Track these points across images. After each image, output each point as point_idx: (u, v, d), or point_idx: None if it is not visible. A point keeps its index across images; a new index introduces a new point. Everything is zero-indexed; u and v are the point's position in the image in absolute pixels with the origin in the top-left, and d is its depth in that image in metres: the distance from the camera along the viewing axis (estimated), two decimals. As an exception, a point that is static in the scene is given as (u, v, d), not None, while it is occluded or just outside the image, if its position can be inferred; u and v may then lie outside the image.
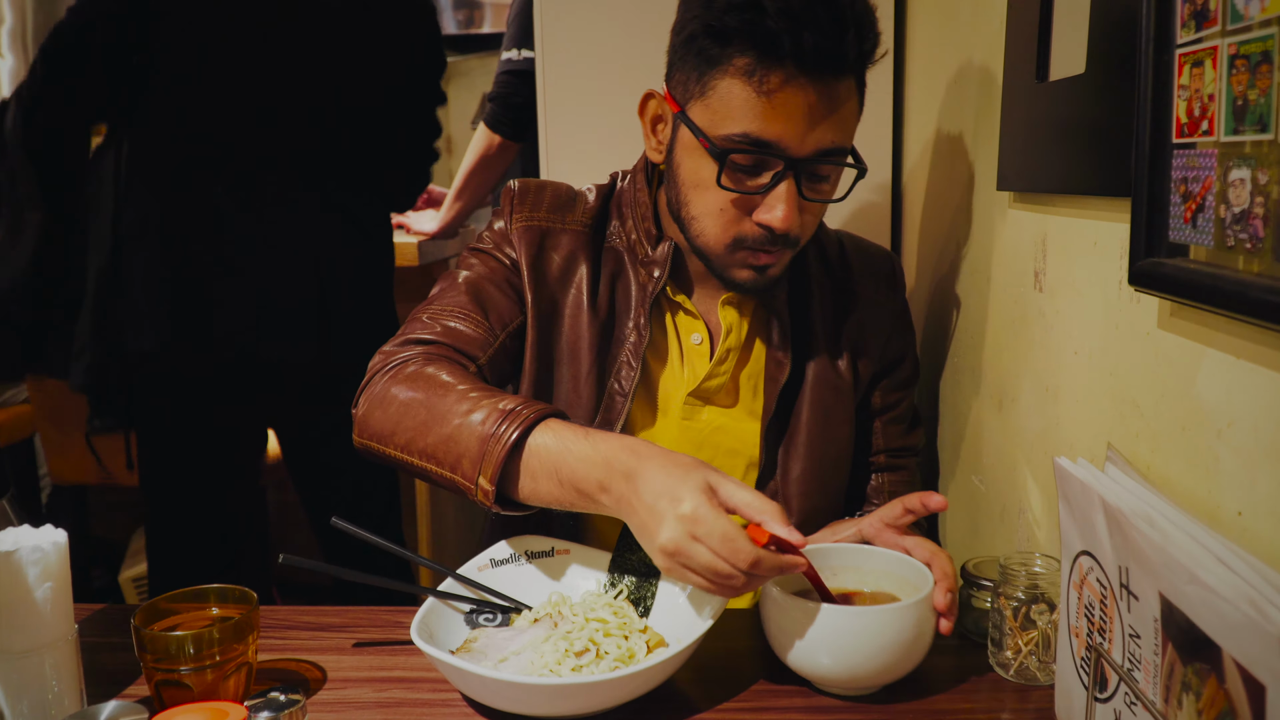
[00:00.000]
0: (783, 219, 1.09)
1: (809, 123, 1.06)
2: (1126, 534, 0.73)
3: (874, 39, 1.09)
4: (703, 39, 1.07)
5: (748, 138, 1.07)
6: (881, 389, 1.33)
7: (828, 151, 1.09)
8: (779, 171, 1.08)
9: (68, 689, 0.85)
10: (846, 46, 1.04)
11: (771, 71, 1.03)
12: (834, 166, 1.12)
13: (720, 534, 0.90)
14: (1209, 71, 0.70)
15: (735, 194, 1.10)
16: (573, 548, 1.14)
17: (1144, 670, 0.72)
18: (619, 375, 1.22)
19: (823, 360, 1.27)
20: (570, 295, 1.24)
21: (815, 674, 0.95)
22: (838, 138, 1.09)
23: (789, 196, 1.08)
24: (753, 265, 1.15)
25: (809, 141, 1.06)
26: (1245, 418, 0.71)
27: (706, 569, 0.91)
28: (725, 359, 1.23)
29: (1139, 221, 0.79)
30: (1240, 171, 0.66)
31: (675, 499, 0.92)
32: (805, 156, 1.07)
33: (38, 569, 0.83)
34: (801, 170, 1.09)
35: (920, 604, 0.93)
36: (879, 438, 1.34)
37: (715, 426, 1.24)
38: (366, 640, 1.08)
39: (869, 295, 1.31)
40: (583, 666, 0.95)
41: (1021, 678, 0.97)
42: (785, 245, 1.14)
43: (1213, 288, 0.69)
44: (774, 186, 1.09)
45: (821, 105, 1.05)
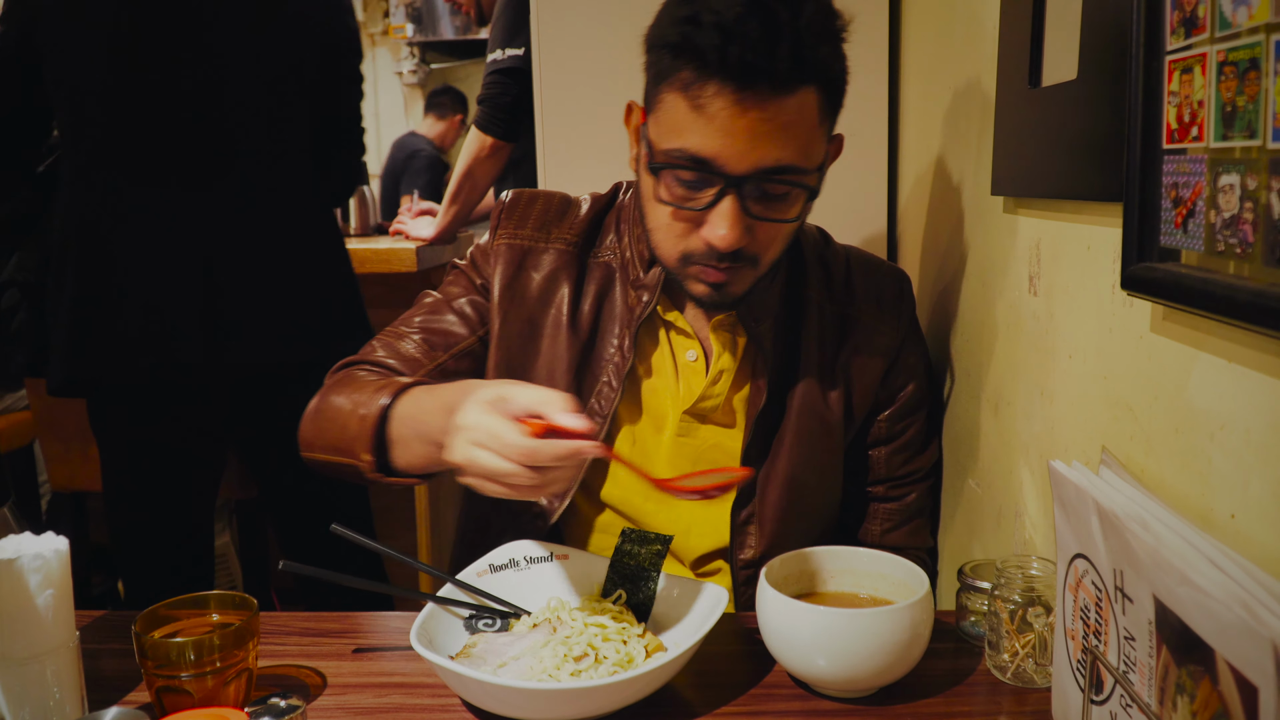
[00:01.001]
0: (723, 238, 1.06)
1: (748, 140, 1.02)
2: (1121, 537, 0.73)
3: (826, 49, 1.04)
4: (653, 52, 1.07)
5: (684, 153, 1.04)
6: (885, 420, 1.31)
7: (772, 170, 1.04)
8: (721, 189, 1.05)
9: (69, 696, 0.85)
10: (777, 60, 0.99)
11: (705, 86, 1.01)
12: (789, 187, 1.07)
13: (487, 431, 0.91)
14: (1198, 78, 0.70)
15: (679, 210, 1.08)
16: (571, 553, 1.14)
17: (1139, 672, 0.73)
18: (599, 395, 1.22)
19: (811, 391, 1.25)
20: (550, 315, 1.24)
21: (812, 676, 0.96)
22: (784, 155, 1.04)
23: (730, 215, 1.05)
24: (706, 281, 1.12)
25: (748, 159, 1.03)
26: (1237, 421, 0.71)
27: (491, 472, 0.91)
28: (718, 380, 1.23)
29: (1131, 227, 0.80)
30: (1230, 177, 0.67)
31: (461, 414, 0.94)
32: (745, 174, 1.04)
33: (39, 576, 0.83)
34: (744, 188, 1.05)
35: (916, 606, 0.93)
36: (880, 467, 1.32)
37: (711, 444, 1.24)
38: (366, 646, 1.08)
39: (870, 323, 1.28)
40: (581, 671, 0.95)
41: (1018, 680, 0.98)
42: (739, 263, 1.10)
43: (1204, 292, 0.69)
44: (715, 204, 1.06)
45: (762, 122, 1.01)
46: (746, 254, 1.09)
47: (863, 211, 1.81)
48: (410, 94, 6.39)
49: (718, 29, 0.98)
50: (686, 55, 1.01)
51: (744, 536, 1.24)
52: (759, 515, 1.23)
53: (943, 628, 1.05)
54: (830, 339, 1.27)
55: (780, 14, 0.99)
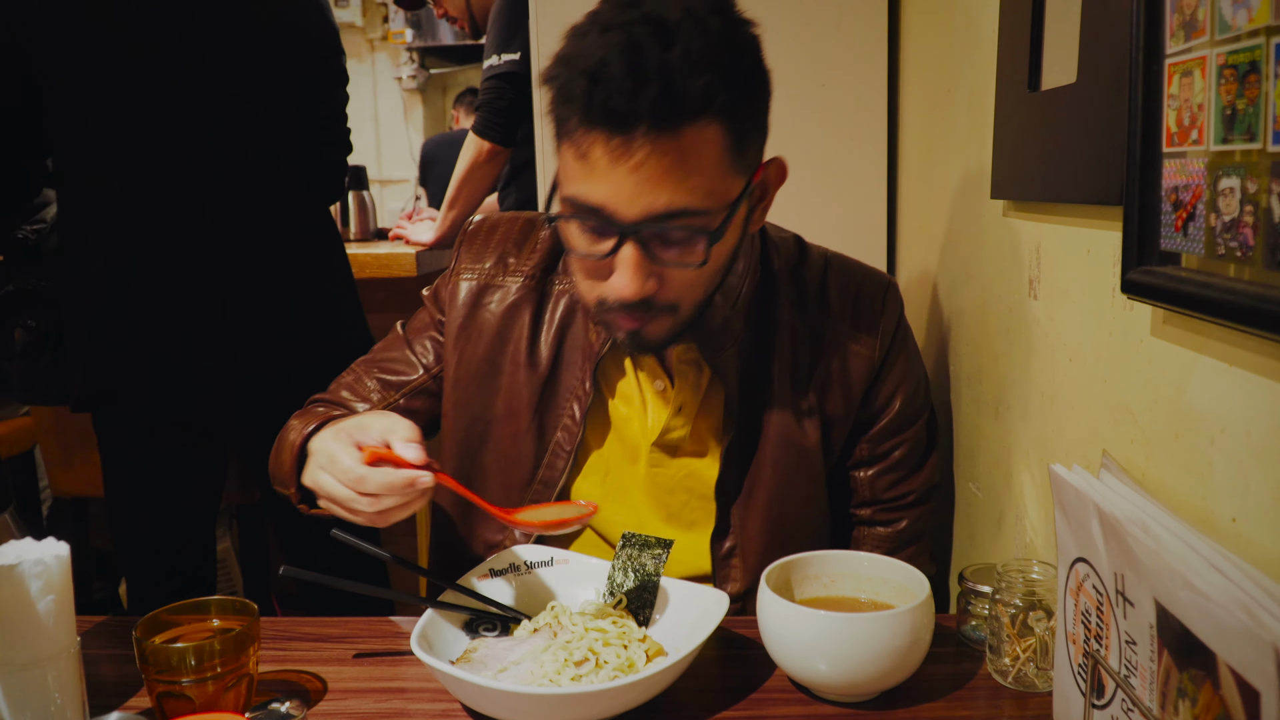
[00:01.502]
0: (622, 288, 1.01)
1: (633, 186, 0.95)
2: (1122, 540, 0.73)
3: (709, 80, 0.94)
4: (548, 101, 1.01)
5: (575, 201, 1.00)
6: (868, 441, 1.24)
7: (664, 215, 0.97)
8: (618, 238, 0.99)
9: (70, 701, 0.85)
10: (643, 102, 0.92)
11: (585, 134, 0.96)
12: (689, 231, 0.99)
13: (328, 456, 1.00)
14: (1198, 81, 0.70)
15: (586, 260, 1.04)
16: (571, 557, 1.14)
17: (1140, 677, 0.73)
18: (563, 429, 1.20)
19: (785, 418, 1.19)
20: (508, 352, 1.21)
21: (813, 681, 0.95)
22: (675, 200, 0.96)
23: (629, 264, 1.00)
24: (622, 328, 1.07)
25: (636, 205, 0.96)
26: (1238, 424, 0.71)
27: (329, 495, 1.01)
28: (680, 412, 1.19)
29: (1130, 230, 0.80)
30: (1230, 180, 0.67)
31: (316, 440, 1.05)
32: (637, 221, 0.98)
33: (40, 582, 0.83)
34: (642, 235, 0.99)
35: (916, 610, 0.93)
36: (864, 489, 1.26)
37: (687, 472, 1.21)
38: (367, 651, 1.08)
39: (845, 341, 1.21)
40: (582, 676, 0.95)
41: (1019, 685, 0.97)
42: (652, 312, 1.05)
43: (1204, 296, 0.69)
44: (615, 252, 1.00)
45: (646, 166, 0.94)
46: (659, 303, 1.04)
47: (862, 215, 1.81)
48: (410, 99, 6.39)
49: (585, 74, 0.94)
50: (562, 102, 0.97)
51: (727, 570, 1.20)
52: (741, 548, 1.20)
53: (943, 632, 1.05)
54: (804, 361, 1.21)
55: (648, 52, 0.92)
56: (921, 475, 1.27)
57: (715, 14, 0.96)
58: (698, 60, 0.93)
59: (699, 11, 0.95)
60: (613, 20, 0.95)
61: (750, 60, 1.00)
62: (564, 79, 0.96)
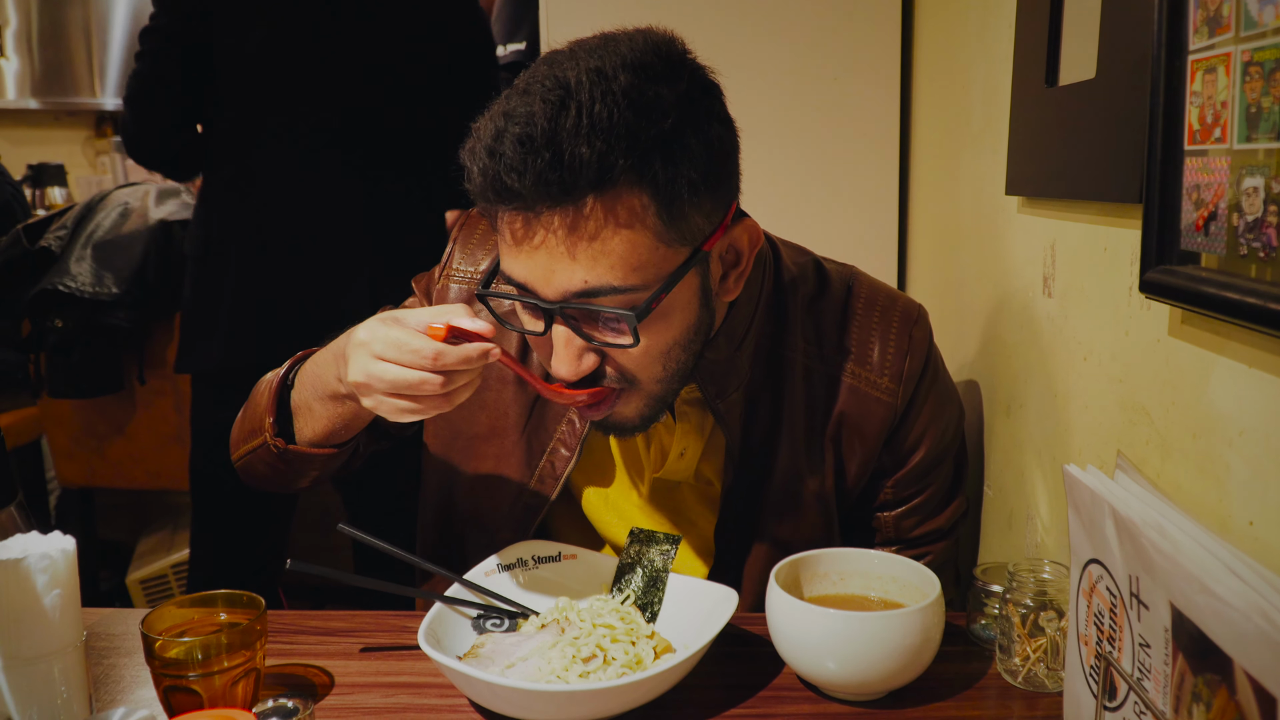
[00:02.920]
0: (558, 368, 0.95)
1: (546, 264, 0.90)
2: (1137, 543, 0.73)
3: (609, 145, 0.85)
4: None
5: (504, 275, 0.95)
6: (892, 486, 1.16)
7: (583, 294, 0.90)
8: (546, 317, 0.94)
9: (76, 695, 0.85)
10: (528, 178, 0.85)
11: (500, 212, 0.91)
12: (614, 312, 0.91)
13: (392, 341, 0.90)
14: (1222, 78, 0.69)
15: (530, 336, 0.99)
16: (579, 552, 1.14)
17: (1154, 680, 0.72)
18: (554, 456, 1.14)
19: (796, 463, 1.13)
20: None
21: (822, 679, 0.95)
22: (592, 278, 0.89)
23: (560, 345, 0.94)
24: (587, 416, 1.02)
25: (553, 285, 0.90)
26: (1257, 426, 0.71)
27: (397, 384, 0.90)
28: (683, 455, 1.14)
29: (1150, 229, 0.79)
30: (1254, 180, 0.66)
31: (359, 332, 0.93)
32: (557, 301, 0.91)
33: (46, 576, 0.83)
34: (566, 314, 0.93)
35: (927, 610, 0.92)
36: (889, 529, 1.18)
37: (688, 506, 1.18)
38: (374, 645, 1.08)
39: (865, 388, 1.12)
40: (590, 673, 0.94)
41: (1029, 685, 0.97)
42: (606, 384, 0.98)
43: (1225, 297, 0.69)
44: (546, 332, 0.95)
45: (556, 243, 0.89)
46: (612, 378, 0.97)
47: (874, 211, 1.80)
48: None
49: (484, 151, 0.88)
50: (467, 180, 0.92)
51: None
52: (743, 590, 1.13)
53: (953, 631, 1.05)
54: (818, 405, 1.13)
55: (538, 122, 0.85)
56: (947, 513, 1.19)
57: (628, 71, 0.88)
58: (594, 125, 0.85)
59: (609, 69, 0.87)
60: (528, 84, 0.90)
61: (675, 119, 0.89)
62: (471, 154, 0.91)
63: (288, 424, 1.11)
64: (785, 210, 1.35)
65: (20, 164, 3.93)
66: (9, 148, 3.42)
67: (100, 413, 2.46)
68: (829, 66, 1.76)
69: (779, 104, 1.78)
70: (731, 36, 1.76)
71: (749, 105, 1.32)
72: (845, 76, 1.77)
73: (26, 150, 4.30)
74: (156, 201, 2.46)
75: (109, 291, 2.28)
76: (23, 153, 4.12)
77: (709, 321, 1.02)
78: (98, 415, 2.46)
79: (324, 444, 1.09)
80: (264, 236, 1.89)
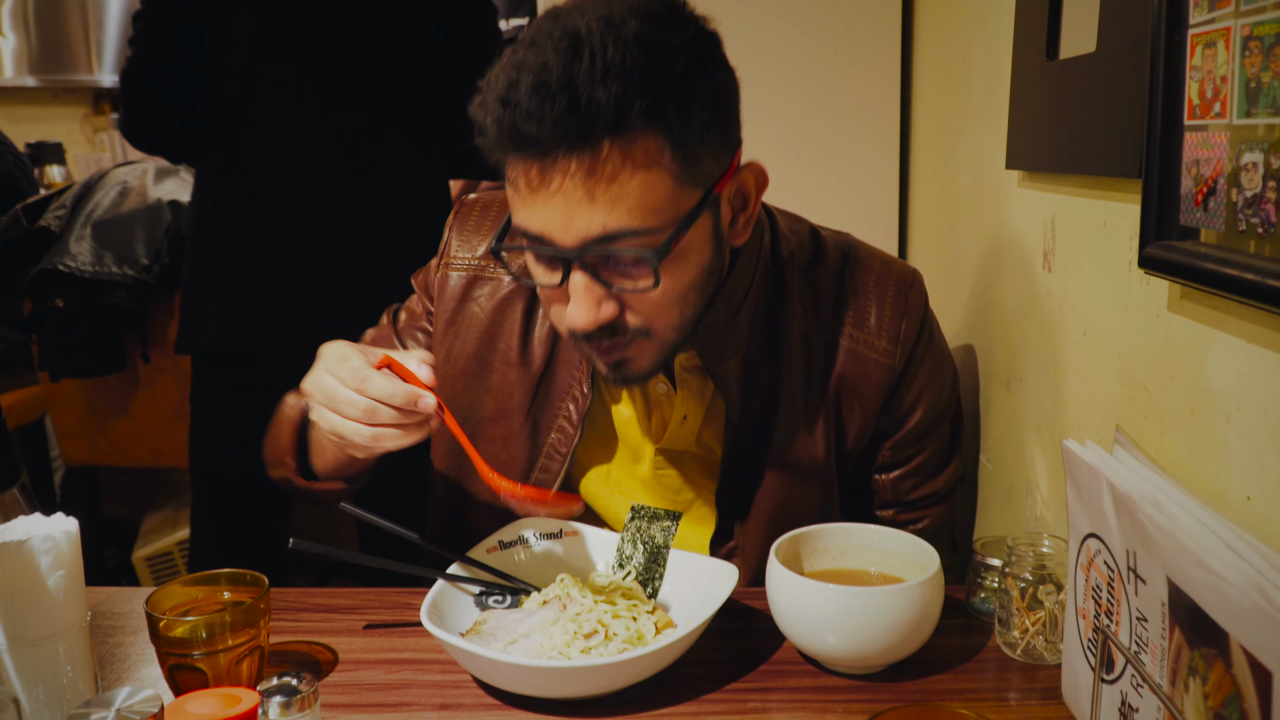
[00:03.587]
0: (576, 318, 0.95)
1: (564, 210, 0.91)
2: (1134, 518, 0.73)
3: (625, 88, 0.87)
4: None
5: (519, 231, 0.96)
6: (891, 447, 1.18)
7: (603, 239, 0.92)
8: (564, 266, 0.95)
9: (82, 675, 0.86)
10: (550, 121, 0.86)
11: (515, 161, 0.92)
12: (634, 255, 0.93)
13: (336, 357, 0.95)
14: (1221, 53, 0.69)
15: (544, 289, 1.00)
16: (581, 529, 1.14)
17: (1151, 653, 0.73)
18: (559, 431, 1.15)
19: (795, 428, 1.14)
20: (499, 349, 1.16)
21: (822, 653, 0.96)
22: (610, 220, 0.91)
23: (580, 292, 0.94)
24: (601, 361, 1.02)
25: (571, 231, 0.92)
26: (1255, 402, 0.71)
27: (327, 396, 0.94)
28: (684, 422, 1.15)
29: (1149, 204, 0.78)
30: (1253, 155, 0.66)
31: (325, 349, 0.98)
32: (576, 248, 0.92)
33: (49, 558, 0.83)
34: (586, 261, 0.94)
35: (926, 584, 0.93)
36: (887, 492, 1.20)
37: (690, 478, 1.19)
38: (377, 622, 1.08)
39: (860, 349, 1.14)
40: (592, 648, 0.95)
41: (1028, 657, 0.98)
42: (623, 337, 0.99)
43: (1223, 273, 0.69)
44: (565, 282, 0.95)
45: (574, 188, 0.90)
46: (628, 328, 0.98)
47: (874, 186, 1.80)
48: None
49: (497, 101, 0.89)
50: (479, 134, 0.93)
51: None
52: (741, 550, 1.16)
53: (952, 604, 1.05)
54: (816, 369, 1.14)
55: (553, 69, 0.87)
56: (945, 475, 1.21)
57: (636, 17, 0.89)
58: (608, 69, 0.87)
59: (617, 17, 0.89)
60: (534, 37, 0.90)
61: (685, 62, 0.91)
62: (482, 109, 0.92)
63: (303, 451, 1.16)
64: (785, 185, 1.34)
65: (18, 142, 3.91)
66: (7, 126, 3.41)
67: (104, 392, 2.46)
68: (829, 40, 1.75)
69: (779, 77, 1.77)
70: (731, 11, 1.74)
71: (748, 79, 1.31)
72: (845, 50, 1.76)
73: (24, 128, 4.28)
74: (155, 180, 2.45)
75: (109, 271, 2.28)
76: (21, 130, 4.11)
77: (720, 266, 1.04)
78: (101, 394, 2.47)
79: (335, 476, 1.14)
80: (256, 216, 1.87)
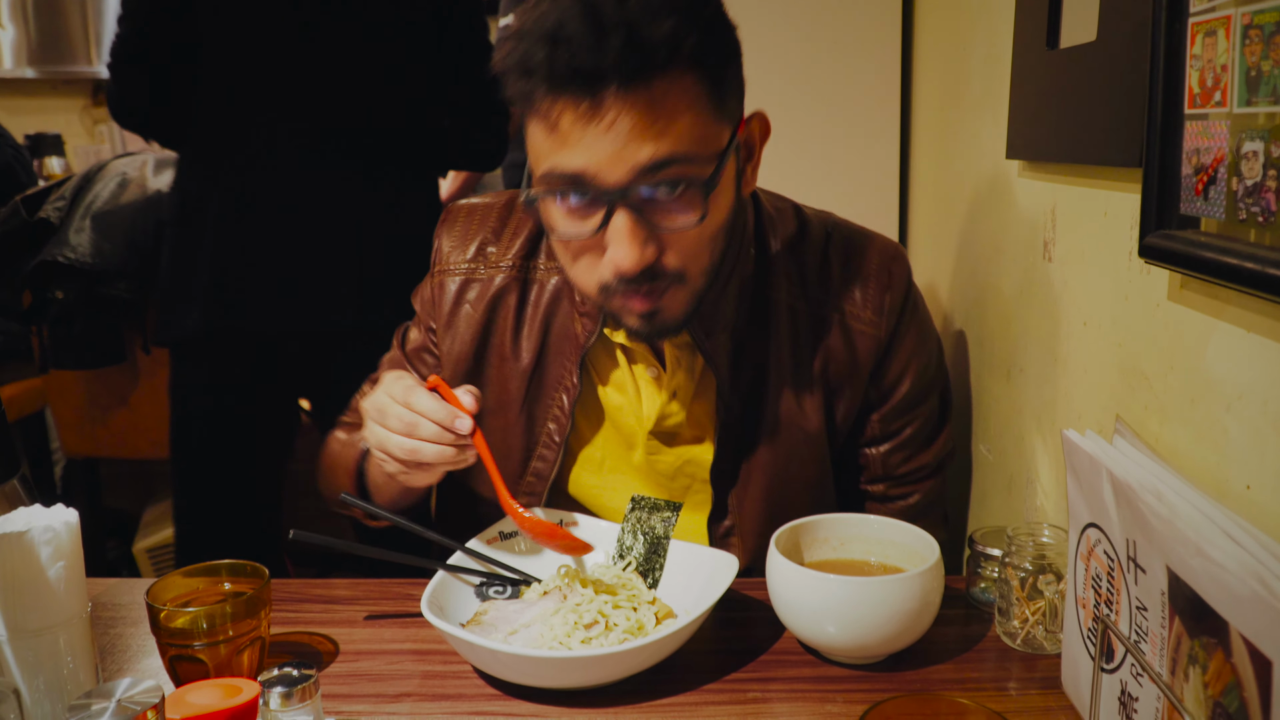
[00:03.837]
0: (621, 259, 0.95)
1: (613, 145, 0.91)
2: (1134, 507, 0.73)
3: (675, 24, 0.90)
4: (503, 80, 0.96)
5: (553, 174, 0.95)
6: (879, 419, 1.19)
7: (652, 168, 0.92)
8: (607, 207, 0.95)
9: (82, 665, 0.86)
10: (608, 56, 0.88)
11: (553, 103, 0.92)
12: (684, 182, 0.94)
13: (392, 376, 1.03)
14: (1222, 41, 0.69)
15: (578, 241, 0.99)
16: (581, 519, 1.14)
17: (1151, 642, 0.73)
18: (554, 420, 1.17)
19: (785, 401, 1.15)
20: (493, 345, 1.19)
21: (822, 643, 0.96)
22: (660, 149, 0.92)
23: (625, 232, 0.94)
24: (634, 312, 1.01)
25: (621, 165, 0.92)
26: (1255, 391, 0.71)
27: (380, 408, 1.01)
28: (674, 398, 1.16)
29: (1150, 193, 0.78)
30: (1253, 144, 0.66)
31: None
32: (625, 183, 0.93)
33: (50, 549, 0.83)
34: (630, 199, 0.94)
35: (926, 574, 0.93)
36: (876, 466, 1.21)
37: (686, 459, 1.19)
38: (378, 613, 1.09)
39: (849, 321, 1.15)
40: (592, 639, 0.95)
41: (1028, 647, 0.98)
42: (661, 282, 0.99)
43: (1224, 262, 0.68)
44: (606, 224, 0.95)
45: (622, 122, 0.90)
46: (667, 271, 0.99)
47: (874, 175, 1.79)
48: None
49: (543, 40, 0.90)
50: (524, 75, 0.92)
51: (726, 549, 1.16)
52: (739, 529, 1.17)
53: (952, 594, 1.05)
54: (805, 342, 1.15)
55: (603, 6, 0.88)
56: (934, 448, 1.22)
57: None
58: (661, 4, 0.90)
59: None
60: None
61: (715, 5, 0.97)
62: (521, 52, 0.91)
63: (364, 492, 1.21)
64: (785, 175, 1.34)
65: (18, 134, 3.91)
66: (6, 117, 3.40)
67: (104, 383, 2.46)
68: (827, 30, 1.75)
69: (778, 68, 1.76)
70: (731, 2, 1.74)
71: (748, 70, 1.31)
72: (845, 40, 1.75)
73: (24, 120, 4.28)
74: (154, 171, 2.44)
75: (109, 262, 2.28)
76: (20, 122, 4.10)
77: (740, 212, 1.09)
78: (101, 386, 2.47)
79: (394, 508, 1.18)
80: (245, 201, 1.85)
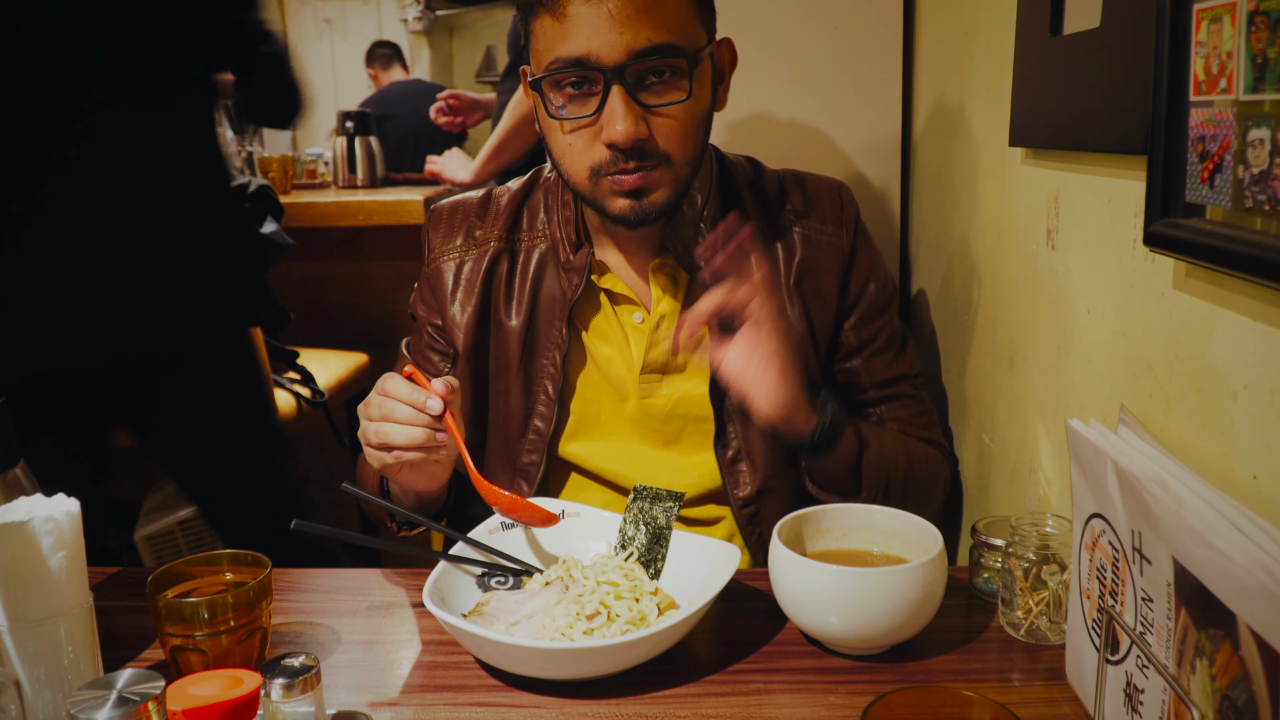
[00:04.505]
0: (619, 131, 1.06)
1: (612, 27, 1.04)
2: (1139, 497, 0.72)
3: None
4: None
5: (558, 61, 1.07)
6: (852, 327, 1.28)
7: (646, 52, 1.05)
8: (604, 84, 1.06)
9: (84, 655, 0.86)
10: None
11: None
12: (671, 68, 1.08)
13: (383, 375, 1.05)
14: (1227, 28, 0.68)
15: (573, 121, 1.09)
16: (583, 510, 1.14)
17: (1156, 634, 0.72)
18: (545, 382, 1.24)
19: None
20: (491, 312, 1.26)
21: (825, 634, 0.96)
22: (656, 35, 1.05)
23: (619, 107, 1.06)
24: (621, 192, 1.11)
25: (618, 46, 1.04)
26: (1261, 380, 0.70)
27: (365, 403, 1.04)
28: (659, 327, 1.22)
29: (1154, 181, 0.78)
30: (1260, 131, 0.65)
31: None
32: (621, 63, 1.05)
33: (51, 538, 0.83)
34: (625, 78, 1.06)
35: (929, 565, 0.93)
36: (862, 375, 1.29)
37: (678, 397, 1.24)
38: (379, 603, 1.08)
39: (814, 236, 1.27)
40: (594, 630, 0.95)
41: (1032, 638, 0.97)
42: (649, 162, 1.10)
43: (1230, 250, 0.68)
44: (604, 103, 1.07)
45: (623, 7, 1.04)
46: (654, 150, 1.09)
47: (876, 161, 1.78)
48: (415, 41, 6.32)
49: None
50: None
51: (736, 475, 1.23)
52: (746, 451, 1.23)
53: (956, 584, 1.05)
54: (780, 257, 1.26)
55: None
56: (908, 357, 1.32)
57: None
58: None
59: None
60: None
61: None
62: None
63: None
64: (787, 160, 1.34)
65: None
66: None
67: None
68: (829, 14, 1.74)
69: (779, 53, 1.75)
70: None
71: (749, 55, 1.31)
72: (847, 26, 1.74)
73: None
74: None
75: None
76: None
77: (709, 120, 1.17)
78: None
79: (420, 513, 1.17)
80: None
